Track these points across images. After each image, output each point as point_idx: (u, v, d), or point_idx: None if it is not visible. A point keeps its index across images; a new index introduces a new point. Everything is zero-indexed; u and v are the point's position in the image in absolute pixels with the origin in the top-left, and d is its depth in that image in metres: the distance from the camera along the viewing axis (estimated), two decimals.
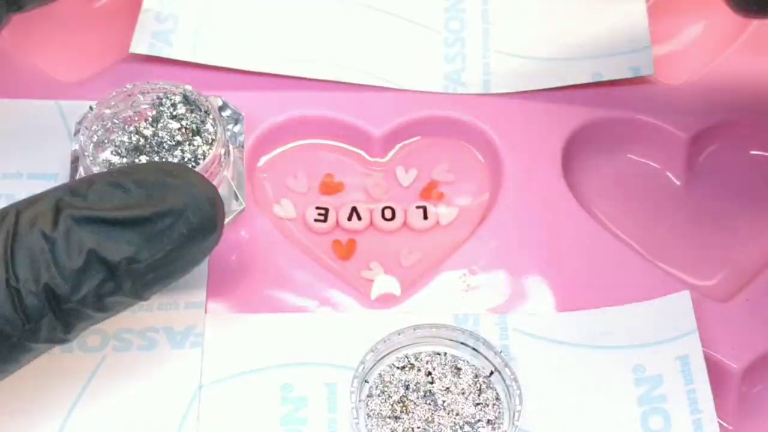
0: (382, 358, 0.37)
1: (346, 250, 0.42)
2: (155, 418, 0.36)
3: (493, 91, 0.45)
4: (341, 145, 0.45)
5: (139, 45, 0.44)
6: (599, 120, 0.44)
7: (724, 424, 0.38)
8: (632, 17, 0.46)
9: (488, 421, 0.36)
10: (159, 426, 0.36)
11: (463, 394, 0.36)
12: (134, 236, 0.31)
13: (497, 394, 0.36)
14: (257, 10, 0.47)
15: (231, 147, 0.40)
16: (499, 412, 0.36)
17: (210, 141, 0.38)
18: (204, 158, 0.38)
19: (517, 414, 0.35)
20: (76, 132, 0.40)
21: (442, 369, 0.37)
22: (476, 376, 0.37)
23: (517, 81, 0.45)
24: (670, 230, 0.44)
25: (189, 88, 0.39)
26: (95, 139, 0.39)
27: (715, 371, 0.38)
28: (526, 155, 0.43)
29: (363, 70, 0.45)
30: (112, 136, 0.39)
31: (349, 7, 0.47)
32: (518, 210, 0.42)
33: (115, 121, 0.39)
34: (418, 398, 0.36)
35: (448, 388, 0.36)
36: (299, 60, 0.45)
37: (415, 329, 0.37)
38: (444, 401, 0.36)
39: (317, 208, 0.43)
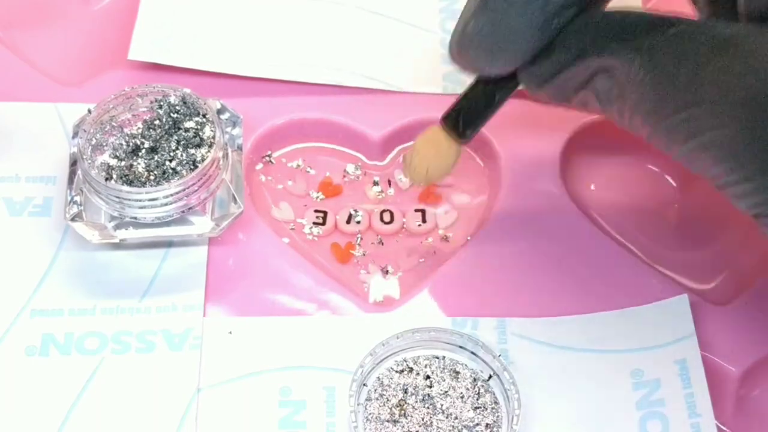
0: (380, 361, 0.37)
1: (344, 254, 0.42)
2: (153, 421, 0.36)
3: None
4: (340, 148, 0.45)
5: (138, 52, 0.44)
6: (598, 123, 0.44)
7: (723, 428, 0.38)
8: None
9: (486, 425, 0.35)
10: (157, 429, 0.36)
11: (461, 397, 0.36)
12: None
13: (495, 398, 0.36)
14: (254, 16, 0.47)
15: (229, 150, 0.40)
16: (498, 416, 0.36)
17: (208, 144, 0.38)
18: (202, 161, 0.38)
19: (515, 418, 0.35)
20: (74, 135, 0.39)
21: (441, 373, 0.37)
22: (475, 380, 0.37)
23: None
24: (668, 233, 0.44)
25: (187, 91, 0.39)
26: (93, 141, 0.39)
27: (714, 375, 0.38)
28: (525, 158, 0.43)
29: (360, 73, 0.45)
30: (111, 139, 0.39)
31: (345, 10, 0.47)
32: (517, 213, 0.42)
33: (114, 123, 0.39)
34: (416, 402, 0.36)
35: (446, 391, 0.36)
36: (297, 64, 0.45)
37: (413, 333, 0.37)
38: (442, 405, 0.36)
39: (316, 211, 0.43)
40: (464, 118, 0.37)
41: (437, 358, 0.37)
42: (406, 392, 0.36)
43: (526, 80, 0.35)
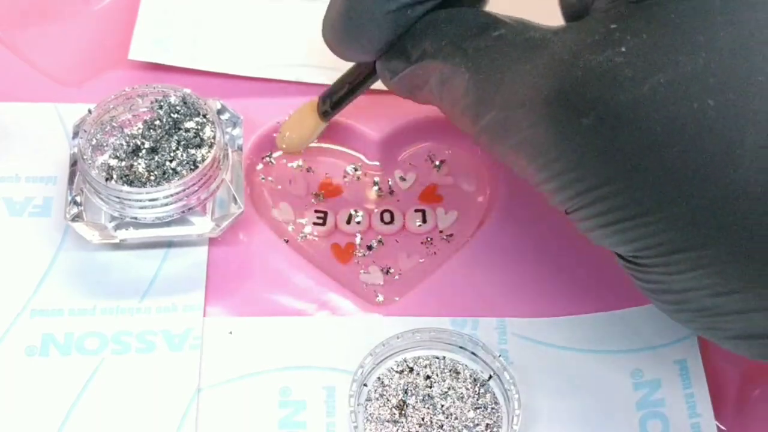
0: (381, 361, 0.37)
1: (344, 254, 0.42)
2: (153, 422, 0.36)
3: None
4: (340, 148, 0.45)
5: (138, 52, 0.44)
6: None
7: (723, 428, 0.38)
8: None
9: (486, 425, 0.36)
10: (157, 429, 0.36)
11: (461, 398, 0.36)
12: None
13: (495, 398, 0.36)
14: (255, 16, 0.47)
15: (229, 150, 0.40)
16: (498, 417, 0.36)
17: (209, 144, 0.38)
18: (203, 161, 0.38)
19: (515, 418, 0.35)
20: (75, 135, 0.39)
21: (441, 373, 0.37)
22: (475, 380, 0.37)
23: None
24: None
25: (188, 91, 0.39)
26: (94, 142, 0.39)
27: (714, 375, 0.38)
28: None
29: None
30: (111, 139, 0.39)
31: None
32: (518, 213, 0.42)
33: (114, 124, 0.39)
34: (416, 402, 0.36)
35: (446, 392, 0.36)
36: (297, 64, 0.45)
37: (413, 333, 0.37)
38: (442, 405, 0.36)
39: (316, 211, 0.43)
40: (330, 99, 0.41)
41: (437, 358, 0.37)
42: (406, 392, 0.36)
43: (380, 71, 0.37)
